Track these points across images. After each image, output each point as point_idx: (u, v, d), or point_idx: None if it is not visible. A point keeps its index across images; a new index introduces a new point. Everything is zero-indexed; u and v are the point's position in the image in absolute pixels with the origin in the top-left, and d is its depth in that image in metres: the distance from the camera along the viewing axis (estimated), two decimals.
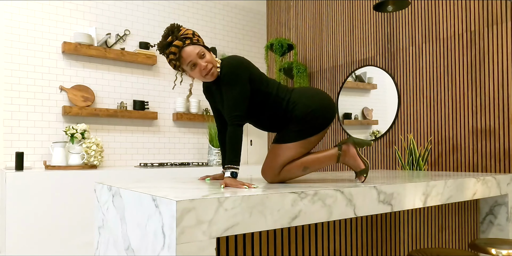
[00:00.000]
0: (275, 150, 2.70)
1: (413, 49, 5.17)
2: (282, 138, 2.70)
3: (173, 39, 2.52)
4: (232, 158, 2.43)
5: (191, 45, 2.53)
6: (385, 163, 5.49)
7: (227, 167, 2.42)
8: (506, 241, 3.06)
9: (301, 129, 2.65)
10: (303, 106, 2.65)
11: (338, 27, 6.26)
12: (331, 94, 6.33)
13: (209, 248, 1.79)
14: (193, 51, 2.53)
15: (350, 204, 2.35)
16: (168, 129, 6.41)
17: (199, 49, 2.53)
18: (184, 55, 2.53)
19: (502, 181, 3.62)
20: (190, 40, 2.53)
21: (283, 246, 2.53)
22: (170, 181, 2.87)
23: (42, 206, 4.48)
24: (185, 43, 2.51)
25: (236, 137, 2.44)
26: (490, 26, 4.43)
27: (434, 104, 4.91)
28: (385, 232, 3.23)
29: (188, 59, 2.53)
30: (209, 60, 2.56)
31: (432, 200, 2.90)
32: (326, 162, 2.74)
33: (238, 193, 1.99)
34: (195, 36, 2.57)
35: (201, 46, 2.57)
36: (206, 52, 2.57)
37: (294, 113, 2.66)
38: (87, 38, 5.53)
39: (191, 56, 2.53)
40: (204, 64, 2.54)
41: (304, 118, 2.64)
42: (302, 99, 2.68)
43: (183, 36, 2.52)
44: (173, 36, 2.52)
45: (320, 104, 2.68)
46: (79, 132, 5.18)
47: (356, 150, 2.76)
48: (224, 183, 2.33)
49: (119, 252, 2.27)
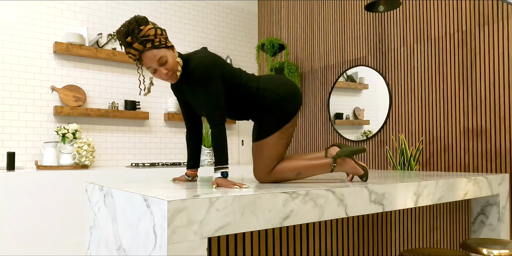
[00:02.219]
0: (258, 149, 2.72)
1: (404, 49, 5.18)
2: (261, 134, 2.73)
3: (133, 40, 2.39)
4: (220, 158, 2.40)
5: (152, 50, 2.43)
6: (376, 163, 5.49)
7: (217, 168, 2.39)
8: (498, 241, 3.07)
9: (275, 118, 2.68)
10: (272, 93, 2.69)
11: (330, 27, 6.27)
12: (322, 94, 6.34)
13: (200, 248, 1.78)
14: (154, 57, 2.44)
15: (342, 204, 2.36)
16: (160, 129, 6.41)
17: (160, 55, 2.44)
18: (144, 59, 2.46)
19: (494, 181, 3.63)
20: (151, 43, 2.41)
21: (275, 246, 2.53)
22: (162, 181, 2.87)
23: (34, 206, 4.46)
24: (145, 46, 2.40)
25: (222, 136, 2.42)
26: (481, 26, 4.44)
27: (425, 104, 4.92)
28: (377, 232, 3.24)
29: (148, 65, 2.48)
30: (170, 67, 2.49)
31: (423, 200, 2.91)
32: (319, 170, 2.75)
33: (229, 193, 1.99)
34: (157, 37, 2.43)
35: (163, 49, 2.47)
36: (168, 56, 2.48)
37: (265, 99, 2.69)
38: (78, 38, 5.52)
39: (151, 63, 2.46)
40: (164, 72, 2.49)
41: (275, 104, 2.68)
42: (270, 86, 2.71)
43: (144, 39, 2.38)
44: (133, 37, 2.39)
45: (286, 90, 2.72)
46: (70, 132, 5.16)
47: (352, 158, 2.78)
48: (215, 183, 2.32)
49: (110, 252, 2.27)
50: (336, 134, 6.10)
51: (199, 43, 6.92)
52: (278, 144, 2.69)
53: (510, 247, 2.86)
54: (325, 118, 6.28)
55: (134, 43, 2.39)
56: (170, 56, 2.49)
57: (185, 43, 6.75)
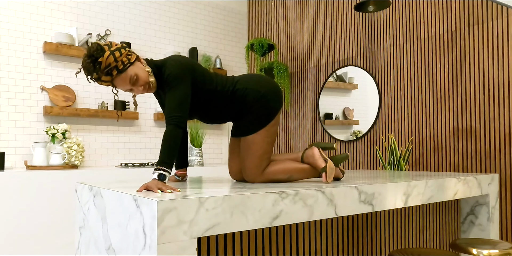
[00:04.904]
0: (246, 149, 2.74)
1: (394, 49, 5.19)
2: (244, 131, 2.74)
3: (99, 75, 2.38)
4: (164, 159, 2.25)
5: (120, 74, 2.41)
6: (366, 163, 5.51)
7: (156, 168, 2.23)
8: (487, 241, 3.08)
9: (258, 115, 2.70)
10: (253, 92, 2.69)
11: (319, 27, 6.28)
12: (312, 94, 6.34)
13: (190, 248, 1.78)
14: (124, 81, 2.44)
15: (331, 204, 2.36)
16: (149, 129, 6.40)
17: (129, 76, 2.43)
18: (117, 85, 2.46)
19: (483, 181, 3.64)
20: (116, 70, 2.38)
21: (264, 246, 2.54)
22: None
23: (23, 206, 4.45)
24: (112, 75, 2.39)
25: (172, 137, 2.31)
26: (471, 26, 4.46)
27: (415, 104, 4.94)
28: (366, 232, 3.24)
29: (124, 88, 2.48)
30: (143, 82, 2.49)
31: (413, 200, 2.92)
32: (309, 174, 2.83)
33: (219, 192, 1.99)
34: (118, 61, 2.39)
35: (130, 68, 2.44)
36: (137, 73, 2.46)
37: (246, 99, 2.69)
38: (68, 38, 5.50)
39: (125, 86, 2.46)
40: (140, 89, 2.51)
41: (257, 101, 2.69)
42: (250, 85, 2.72)
43: (107, 69, 2.36)
44: (98, 73, 2.37)
45: (267, 87, 2.74)
46: (60, 132, 5.15)
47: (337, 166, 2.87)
48: (143, 186, 2.13)
49: (100, 252, 2.26)
50: (325, 134, 6.10)
51: (188, 43, 6.92)
52: (265, 142, 2.71)
53: (500, 247, 2.87)
54: (314, 118, 6.29)
55: (101, 77, 2.39)
56: (138, 71, 2.48)
57: (175, 43, 6.75)
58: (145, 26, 6.45)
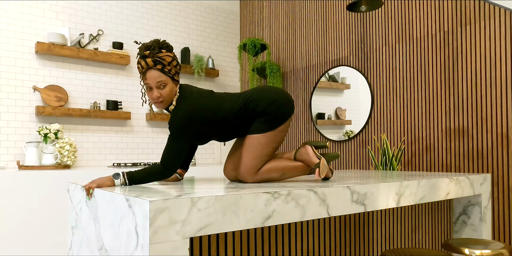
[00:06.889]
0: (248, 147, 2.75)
1: (386, 49, 5.20)
2: (254, 129, 2.76)
3: (149, 55, 2.50)
4: (134, 174, 2.41)
5: (158, 71, 2.51)
6: (358, 163, 5.51)
7: (123, 172, 2.41)
8: (479, 241, 3.09)
9: (269, 119, 2.72)
10: (265, 100, 2.73)
11: (312, 27, 6.28)
12: (304, 94, 6.35)
13: (182, 248, 1.78)
14: (155, 78, 2.51)
15: (324, 204, 2.37)
16: (142, 129, 6.39)
17: (161, 79, 2.52)
18: (147, 75, 2.53)
19: (476, 181, 3.65)
20: (161, 66, 2.51)
21: (256, 246, 2.54)
22: None
23: (15, 206, 4.44)
24: (155, 65, 2.50)
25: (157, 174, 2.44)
26: (463, 26, 4.47)
27: (407, 104, 4.95)
28: (359, 232, 3.25)
29: (147, 82, 2.54)
30: (164, 95, 2.56)
31: (405, 200, 2.92)
32: (302, 172, 2.88)
33: (211, 193, 1.99)
34: (170, 66, 2.54)
35: (168, 78, 2.55)
36: (168, 84, 2.56)
37: (258, 106, 2.72)
38: (60, 38, 5.49)
39: (150, 80, 2.52)
40: (156, 94, 2.56)
41: (269, 107, 2.72)
42: (261, 95, 2.76)
43: (158, 59, 2.49)
44: (151, 53, 2.50)
45: (278, 95, 2.77)
46: (52, 132, 5.14)
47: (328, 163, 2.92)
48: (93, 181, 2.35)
49: (92, 252, 2.26)
50: (318, 134, 6.11)
51: (181, 43, 6.91)
52: (270, 145, 2.73)
53: (492, 247, 2.88)
54: (307, 118, 6.29)
55: (148, 58, 2.50)
56: (169, 86, 2.57)
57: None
58: (138, 26, 6.44)
